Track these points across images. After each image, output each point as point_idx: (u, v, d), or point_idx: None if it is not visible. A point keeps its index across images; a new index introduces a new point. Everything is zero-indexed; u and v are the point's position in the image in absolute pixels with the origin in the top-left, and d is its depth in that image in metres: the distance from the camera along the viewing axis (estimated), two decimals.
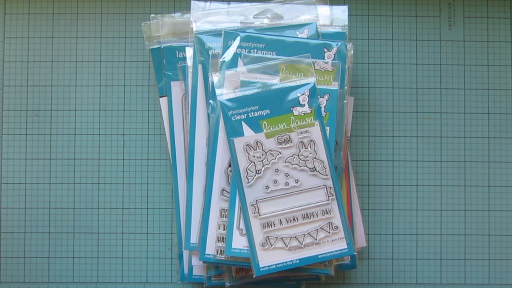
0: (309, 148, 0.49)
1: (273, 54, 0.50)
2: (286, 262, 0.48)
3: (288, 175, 0.49)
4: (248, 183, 0.48)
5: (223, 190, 0.49)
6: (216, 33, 0.51)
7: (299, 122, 0.49)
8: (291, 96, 0.49)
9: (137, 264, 0.56)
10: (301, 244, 0.48)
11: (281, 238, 0.48)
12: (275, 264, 0.48)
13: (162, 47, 0.53)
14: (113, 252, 0.56)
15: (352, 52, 0.50)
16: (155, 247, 0.56)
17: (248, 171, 0.48)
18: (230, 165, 0.49)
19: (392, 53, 0.57)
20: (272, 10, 0.52)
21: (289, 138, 0.49)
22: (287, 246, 0.48)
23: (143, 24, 0.54)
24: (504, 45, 0.58)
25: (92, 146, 0.57)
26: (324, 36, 0.51)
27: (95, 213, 0.56)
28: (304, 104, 0.49)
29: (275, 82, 0.49)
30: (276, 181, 0.48)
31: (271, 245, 0.48)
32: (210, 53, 0.50)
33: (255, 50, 0.50)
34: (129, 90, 0.57)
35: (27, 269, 0.56)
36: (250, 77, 0.49)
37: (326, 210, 0.48)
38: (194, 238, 0.50)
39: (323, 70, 0.49)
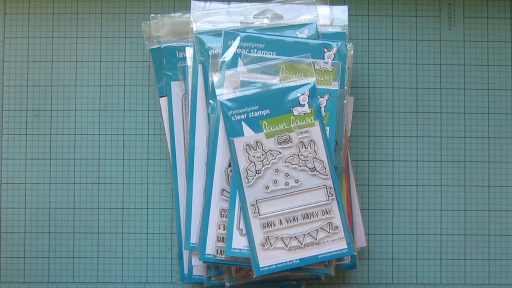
0: (309, 148, 0.49)
1: (273, 54, 0.50)
2: (286, 262, 0.48)
3: (288, 175, 0.49)
4: (248, 183, 0.48)
5: (223, 190, 0.49)
6: (216, 33, 0.51)
7: (299, 122, 0.49)
8: (291, 96, 0.48)
9: (137, 264, 0.56)
10: (301, 244, 0.48)
11: (281, 238, 0.48)
12: (275, 264, 0.48)
13: (162, 47, 0.53)
14: (113, 252, 0.56)
15: (352, 52, 0.50)
16: (155, 247, 0.56)
17: (248, 171, 0.48)
18: (230, 165, 0.49)
19: (392, 53, 0.57)
20: (272, 10, 0.52)
21: (289, 138, 0.49)
22: (287, 246, 0.48)
23: (143, 24, 0.54)
24: (504, 45, 0.58)
25: (92, 146, 0.57)
26: (324, 36, 0.51)
27: (95, 213, 0.56)
28: (304, 104, 0.48)
29: (275, 82, 0.49)
30: (276, 181, 0.48)
31: (271, 245, 0.48)
32: (210, 53, 0.50)
33: (255, 50, 0.50)
34: (129, 90, 0.57)
35: (27, 269, 0.56)
36: (250, 77, 0.49)
37: (326, 210, 0.48)
38: (194, 238, 0.50)
39: (323, 70, 0.49)
